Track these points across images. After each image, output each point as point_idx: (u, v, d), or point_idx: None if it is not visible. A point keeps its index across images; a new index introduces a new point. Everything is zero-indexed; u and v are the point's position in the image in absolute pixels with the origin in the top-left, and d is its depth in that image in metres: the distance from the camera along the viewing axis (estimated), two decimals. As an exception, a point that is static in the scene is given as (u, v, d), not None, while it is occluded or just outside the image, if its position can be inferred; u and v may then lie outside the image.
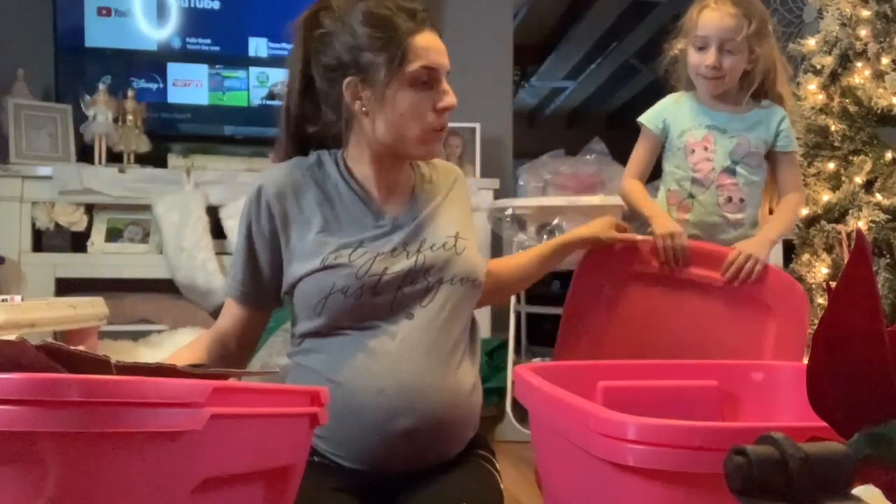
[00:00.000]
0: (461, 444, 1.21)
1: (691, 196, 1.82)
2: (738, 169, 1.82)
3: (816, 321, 0.59)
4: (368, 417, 1.11)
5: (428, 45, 1.17)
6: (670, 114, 1.89)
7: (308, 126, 1.28)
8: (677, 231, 1.69)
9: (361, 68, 1.17)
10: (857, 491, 0.48)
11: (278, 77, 3.32)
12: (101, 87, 3.01)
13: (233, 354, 1.25)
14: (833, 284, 0.56)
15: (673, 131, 1.87)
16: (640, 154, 1.92)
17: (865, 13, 2.48)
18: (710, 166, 1.82)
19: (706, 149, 1.84)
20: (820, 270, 2.39)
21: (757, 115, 1.86)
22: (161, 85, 3.23)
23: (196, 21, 3.25)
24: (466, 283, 1.21)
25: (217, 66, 3.28)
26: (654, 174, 2.01)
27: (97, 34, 3.15)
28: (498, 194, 3.29)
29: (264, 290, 1.24)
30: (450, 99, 1.19)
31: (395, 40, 1.15)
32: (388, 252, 1.18)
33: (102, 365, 0.68)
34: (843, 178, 2.45)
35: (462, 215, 1.29)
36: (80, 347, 0.78)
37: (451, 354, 1.17)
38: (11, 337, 0.65)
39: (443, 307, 1.18)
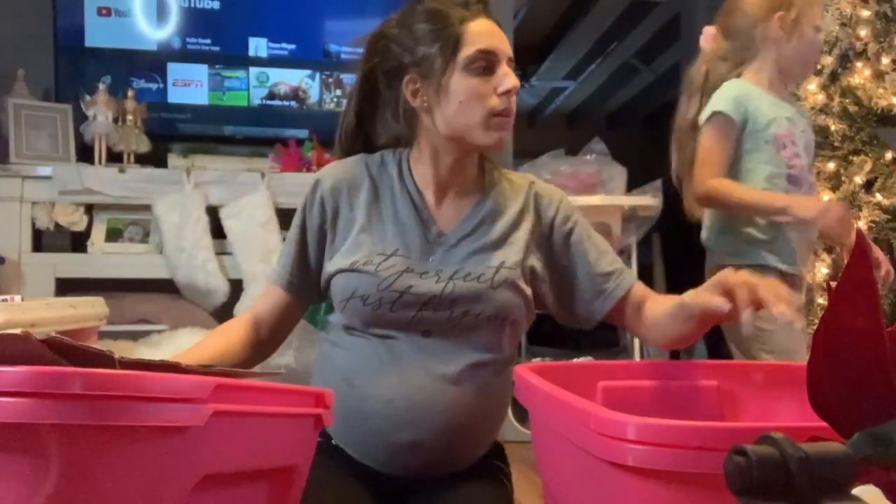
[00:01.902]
0: (472, 459, 1.19)
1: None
2: (811, 166, 1.68)
3: (816, 321, 0.60)
4: (374, 425, 1.12)
5: (483, 30, 1.15)
6: (750, 101, 1.65)
7: (378, 141, 1.27)
8: (840, 208, 1.51)
9: (418, 63, 1.16)
10: (857, 491, 0.48)
11: (278, 77, 3.32)
12: (101, 87, 3.01)
13: (263, 343, 1.24)
14: (833, 284, 0.56)
15: (757, 121, 1.64)
16: (721, 149, 1.63)
17: (865, 13, 2.48)
18: (801, 163, 1.65)
19: (793, 143, 1.65)
20: (820, 270, 2.39)
21: (801, 111, 1.75)
22: (161, 85, 3.23)
23: (196, 21, 3.25)
24: (495, 321, 1.14)
25: (217, 66, 3.28)
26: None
27: (97, 34, 3.15)
28: (498, 194, 3.29)
29: (308, 282, 1.23)
30: (511, 80, 1.15)
31: (447, 29, 1.14)
32: (418, 272, 1.14)
33: (106, 360, 0.69)
34: (843, 178, 2.46)
35: (522, 240, 1.19)
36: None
37: (465, 376, 1.13)
38: (17, 331, 0.65)
39: (461, 335, 1.14)
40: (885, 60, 2.45)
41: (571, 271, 1.22)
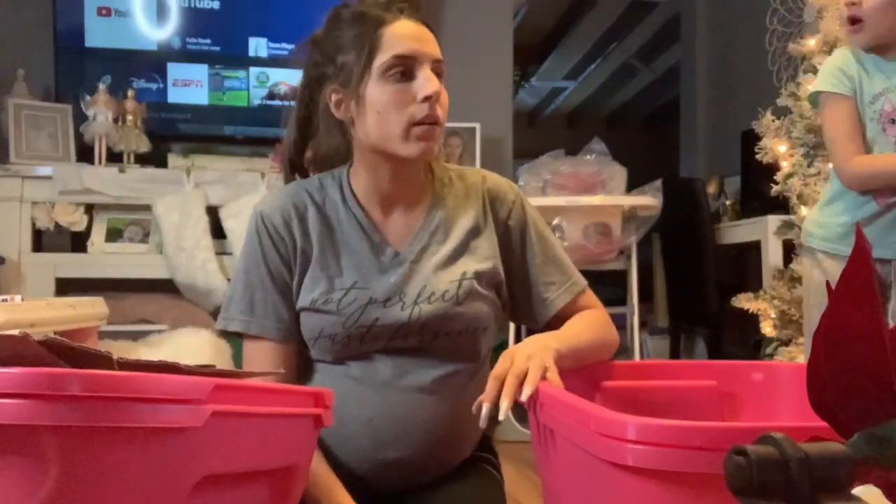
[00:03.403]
0: (460, 460, 1.18)
1: None
2: None
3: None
4: (357, 446, 1.10)
5: (401, 33, 1.07)
6: (856, 71, 1.49)
7: (321, 151, 1.20)
8: None
9: (338, 72, 1.11)
10: (857, 491, 0.48)
11: (278, 77, 3.32)
12: (101, 87, 3.01)
13: None
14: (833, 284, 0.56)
15: (864, 95, 1.49)
16: (848, 126, 1.49)
17: (865, 13, 2.47)
18: None
19: None
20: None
21: None
22: (161, 85, 3.23)
23: (196, 21, 3.25)
24: (466, 334, 1.12)
25: (217, 66, 3.28)
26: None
27: (97, 34, 3.15)
28: (498, 194, 3.29)
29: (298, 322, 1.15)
30: (431, 85, 1.06)
31: (364, 35, 1.07)
32: (381, 301, 1.09)
33: (104, 361, 0.69)
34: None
35: (486, 247, 1.15)
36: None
37: (446, 384, 1.11)
38: (14, 332, 0.65)
39: (436, 351, 1.11)
40: (886, 60, 2.44)
41: (521, 273, 1.19)
